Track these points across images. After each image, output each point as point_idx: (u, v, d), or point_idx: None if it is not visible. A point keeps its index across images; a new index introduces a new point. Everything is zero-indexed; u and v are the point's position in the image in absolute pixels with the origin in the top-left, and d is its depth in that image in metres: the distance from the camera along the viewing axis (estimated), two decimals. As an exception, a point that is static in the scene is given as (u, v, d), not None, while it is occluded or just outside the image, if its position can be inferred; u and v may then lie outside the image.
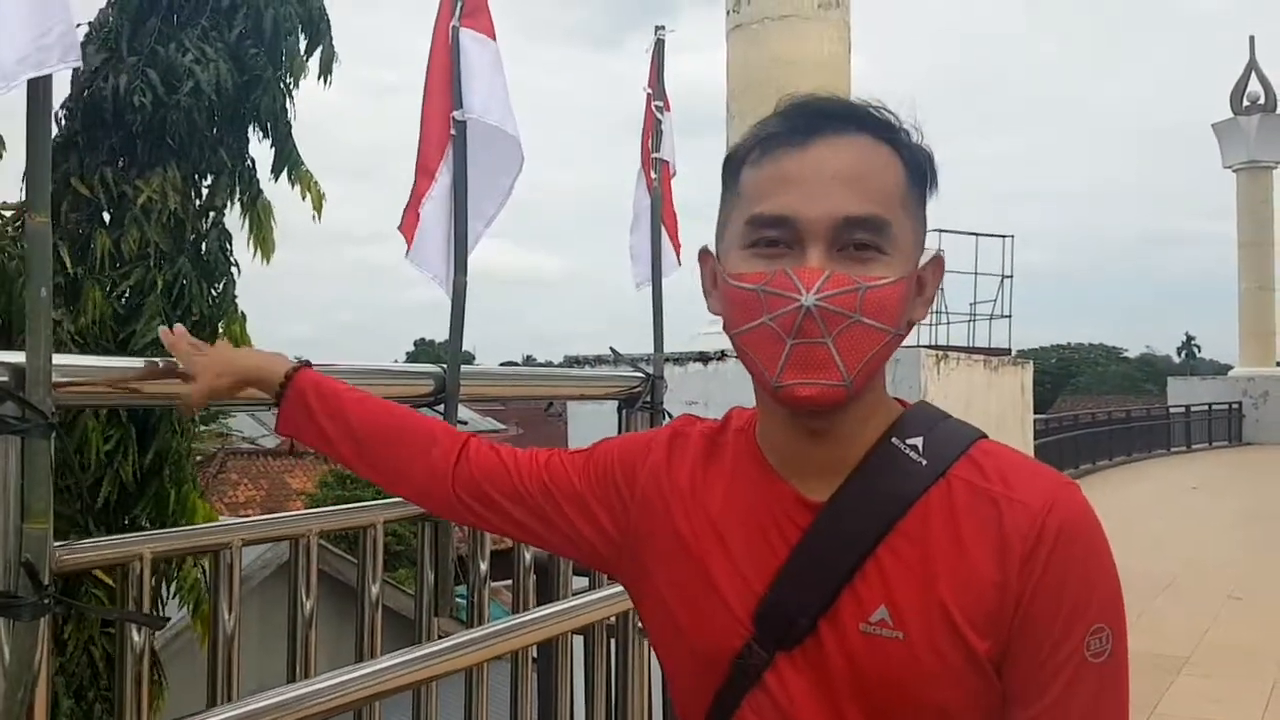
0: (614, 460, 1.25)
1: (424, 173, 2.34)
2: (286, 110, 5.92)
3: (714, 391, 6.99)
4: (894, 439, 1.09)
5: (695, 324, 8.18)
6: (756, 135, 1.10)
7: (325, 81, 6.00)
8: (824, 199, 1.03)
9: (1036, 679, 1.03)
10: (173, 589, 5.53)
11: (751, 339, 1.05)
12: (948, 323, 11.13)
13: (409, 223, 2.32)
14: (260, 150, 6.03)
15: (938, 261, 1.14)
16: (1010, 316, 11.12)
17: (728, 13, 7.85)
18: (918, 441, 1.09)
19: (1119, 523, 12.57)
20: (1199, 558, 10.18)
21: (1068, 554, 1.03)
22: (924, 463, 1.07)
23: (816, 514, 1.08)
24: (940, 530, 1.04)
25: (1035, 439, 9.34)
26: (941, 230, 11.02)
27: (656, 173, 3.08)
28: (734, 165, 1.11)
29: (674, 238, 3.35)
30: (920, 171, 1.10)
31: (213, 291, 5.80)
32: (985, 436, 1.12)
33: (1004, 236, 11.14)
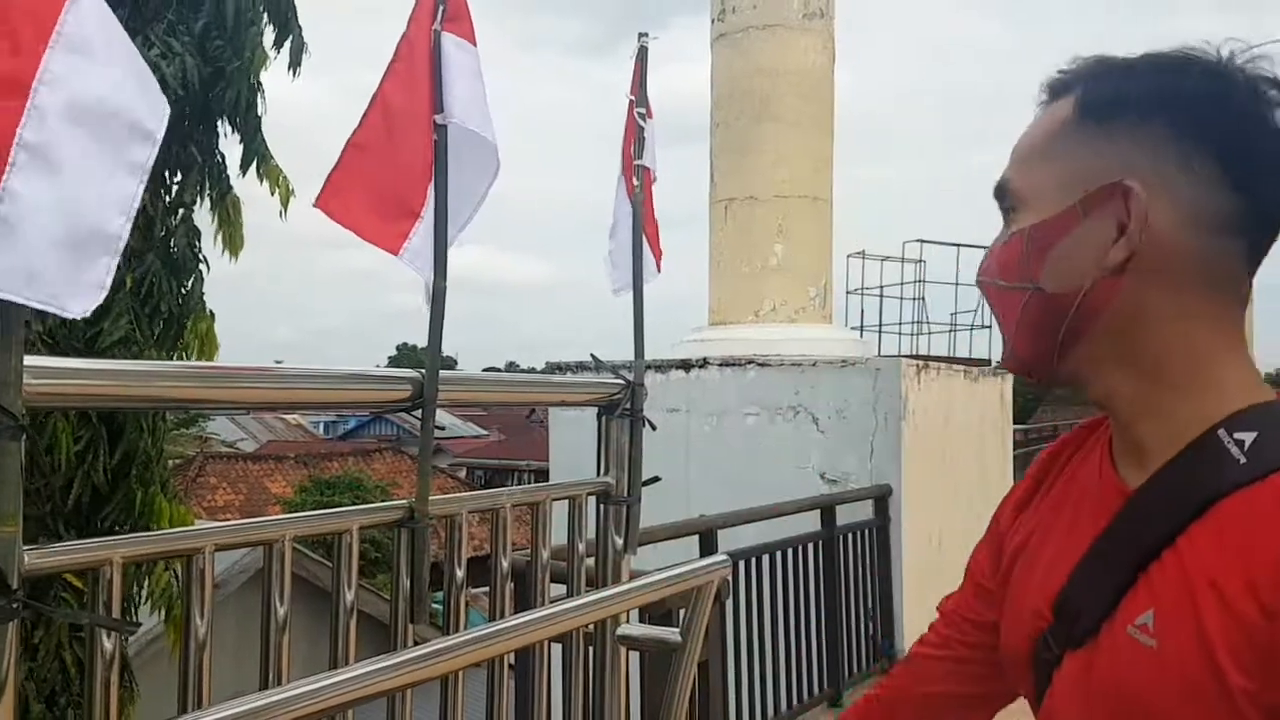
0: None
1: (423, 172, 2.33)
2: (256, 104, 5.87)
3: (695, 398, 6.99)
4: (1221, 430, 0.92)
5: (678, 331, 8.19)
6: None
7: (294, 73, 5.95)
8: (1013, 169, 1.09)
9: None
10: (144, 594, 5.48)
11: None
12: (929, 333, 11.16)
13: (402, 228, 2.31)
14: (232, 145, 5.97)
15: (1106, 195, 0.96)
16: (990, 327, 11.15)
17: (713, 22, 7.87)
18: (1247, 436, 0.91)
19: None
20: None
21: None
22: (1242, 460, 0.90)
23: (1125, 502, 0.98)
24: (1234, 534, 0.88)
25: (1015, 449, 9.38)
26: (923, 241, 11.08)
27: (639, 179, 3.07)
28: None
29: (655, 245, 3.35)
30: (1092, 108, 0.98)
31: (182, 289, 5.75)
32: None
33: (986, 247, 11.16)
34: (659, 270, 3.35)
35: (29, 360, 1.55)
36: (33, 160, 1.43)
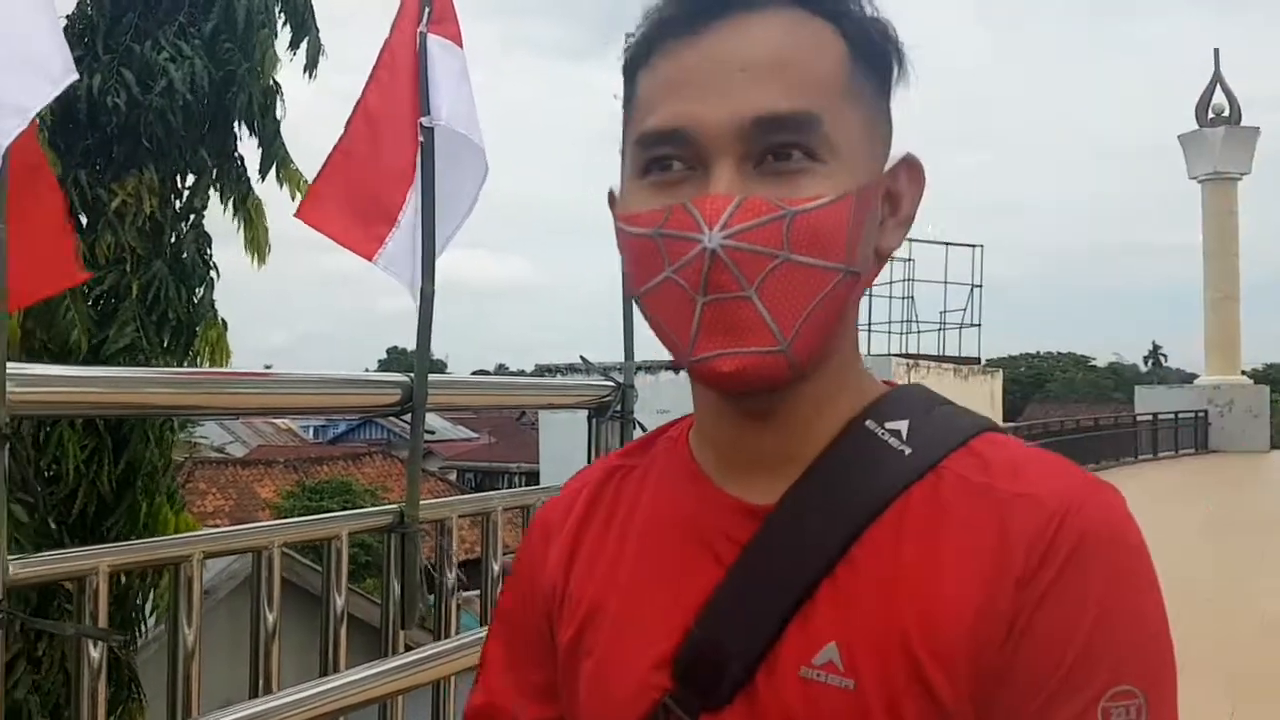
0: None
1: (402, 177, 2.32)
2: (275, 107, 5.81)
3: (686, 401, 6.99)
4: (869, 422, 0.82)
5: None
6: (642, 26, 0.81)
7: (310, 75, 5.89)
8: (726, 97, 0.75)
9: (1017, 712, 0.73)
10: (149, 604, 5.42)
11: (656, 301, 0.77)
12: (918, 331, 11.19)
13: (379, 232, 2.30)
14: (251, 149, 5.90)
15: (912, 166, 0.85)
16: (980, 325, 11.20)
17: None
18: (901, 426, 0.81)
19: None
20: (1170, 565, 10.23)
21: (1088, 574, 0.73)
22: (907, 451, 0.80)
23: (763, 522, 0.80)
24: (915, 542, 0.76)
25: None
26: (912, 240, 11.10)
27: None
28: (630, 72, 0.82)
29: None
30: (874, 50, 0.81)
31: (192, 297, 5.71)
32: (996, 427, 0.84)
33: (973, 246, 11.24)
34: None
35: (12, 368, 1.54)
36: None
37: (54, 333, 5.04)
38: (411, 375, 2.33)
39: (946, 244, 11.12)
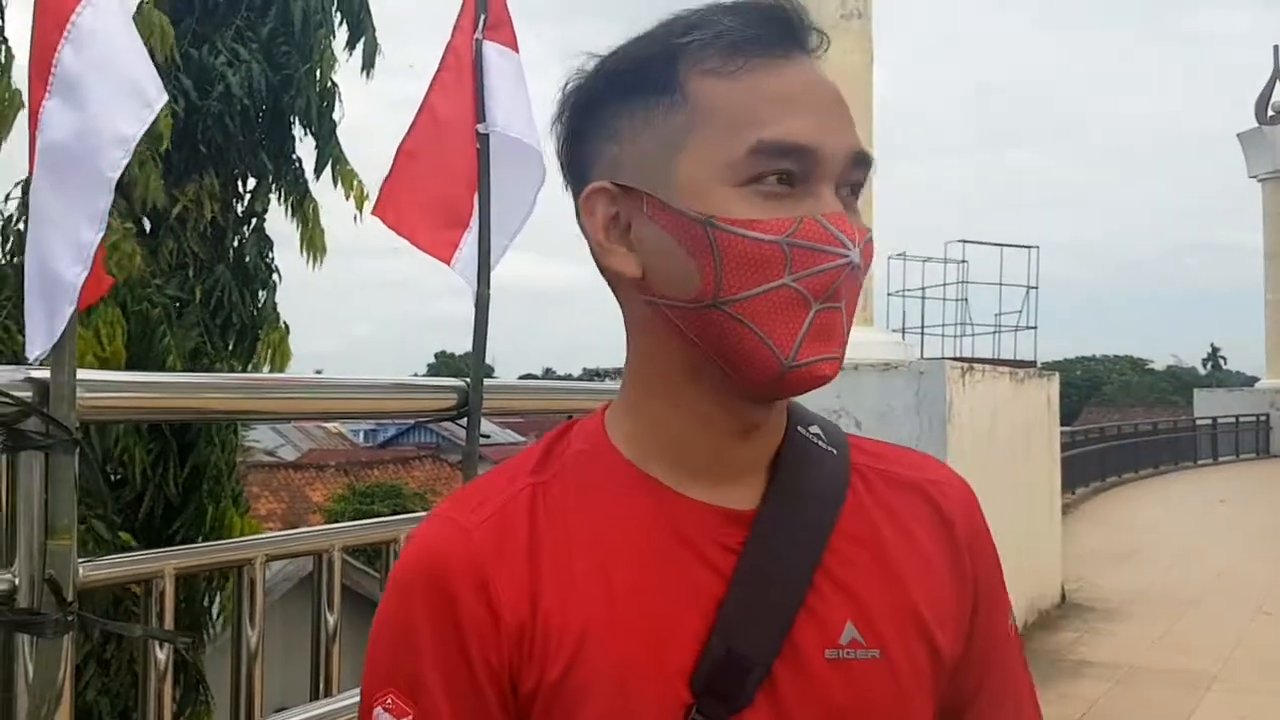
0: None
1: (470, 181, 2.34)
2: (333, 107, 5.83)
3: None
4: (798, 427, 0.90)
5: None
6: (706, 33, 0.82)
7: (367, 75, 5.92)
8: (841, 126, 0.82)
9: (983, 673, 0.93)
10: (215, 606, 5.48)
11: (759, 306, 0.79)
12: (972, 334, 11.06)
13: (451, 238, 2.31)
14: (307, 149, 5.92)
15: None
16: (1035, 328, 11.05)
17: (749, 25, 7.85)
18: (816, 431, 0.91)
19: (1149, 537, 12.46)
20: (1228, 572, 10.06)
21: (984, 529, 0.96)
22: (834, 452, 0.90)
23: (751, 526, 0.84)
24: (884, 524, 0.89)
25: (1062, 452, 9.25)
26: (965, 241, 10.98)
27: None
28: (663, 64, 0.82)
29: None
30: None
31: (254, 300, 5.77)
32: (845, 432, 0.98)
33: (1028, 247, 11.08)
34: None
35: (82, 374, 1.57)
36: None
37: (150, 356, 5.08)
38: (467, 380, 2.35)
39: (1001, 245, 10.98)
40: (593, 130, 0.86)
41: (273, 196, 5.88)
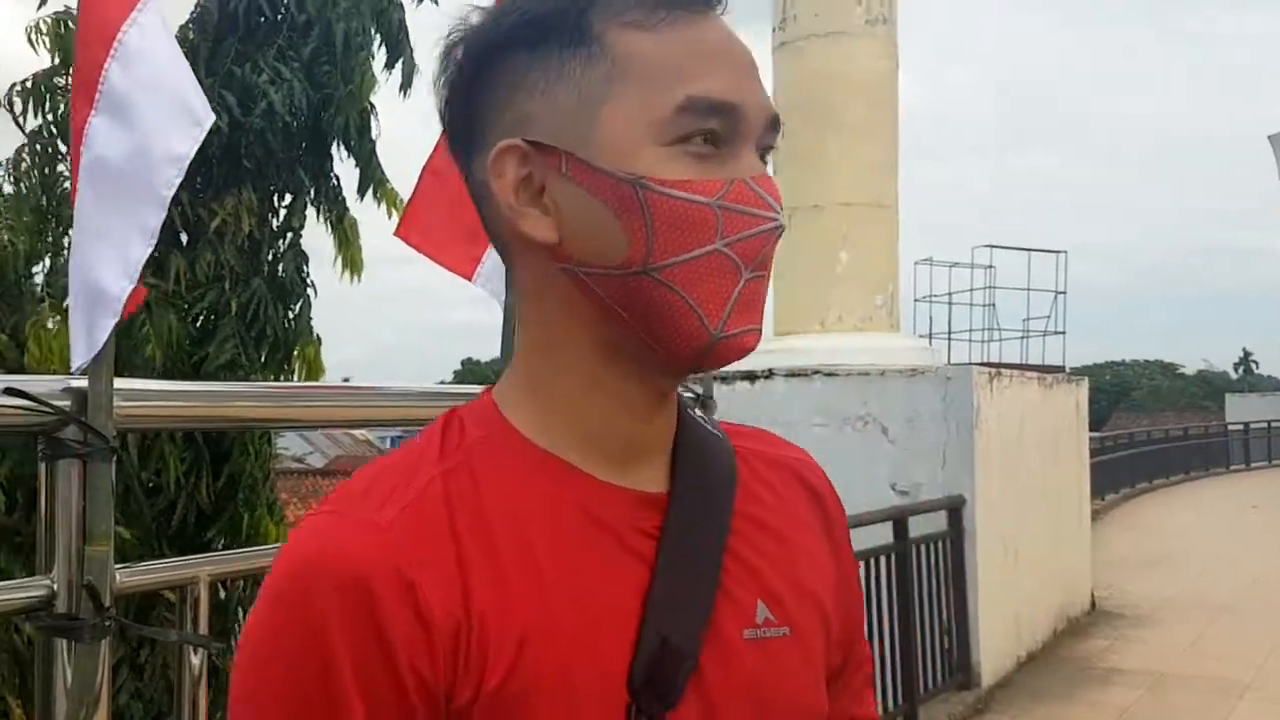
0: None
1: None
2: (370, 127, 5.91)
3: (762, 410, 6.96)
4: (686, 409, 0.87)
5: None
6: None
7: (405, 94, 5.99)
8: (758, 88, 0.78)
9: (850, 644, 0.94)
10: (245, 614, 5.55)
11: (690, 272, 0.74)
12: (1000, 339, 11.01)
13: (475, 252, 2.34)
14: (347, 168, 6.01)
15: None
16: (1064, 333, 10.99)
17: (774, 30, 7.85)
18: (699, 416, 0.89)
19: (1180, 544, 12.33)
20: (1261, 579, 9.94)
21: (843, 510, 0.96)
22: (720, 435, 0.89)
23: (665, 510, 0.80)
24: (770, 503, 0.88)
25: (1091, 458, 9.18)
26: (992, 246, 10.92)
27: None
28: (578, 14, 0.76)
29: None
30: None
31: (289, 314, 5.84)
32: None
33: (1057, 252, 11.02)
34: None
35: (119, 383, 1.60)
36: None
37: (128, 345, 5.17)
38: (494, 387, 2.36)
39: (1029, 250, 10.93)
40: (494, 83, 0.78)
41: (310, 212, 5.96)
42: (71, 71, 1.46)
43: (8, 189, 5.83)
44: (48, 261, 5.81)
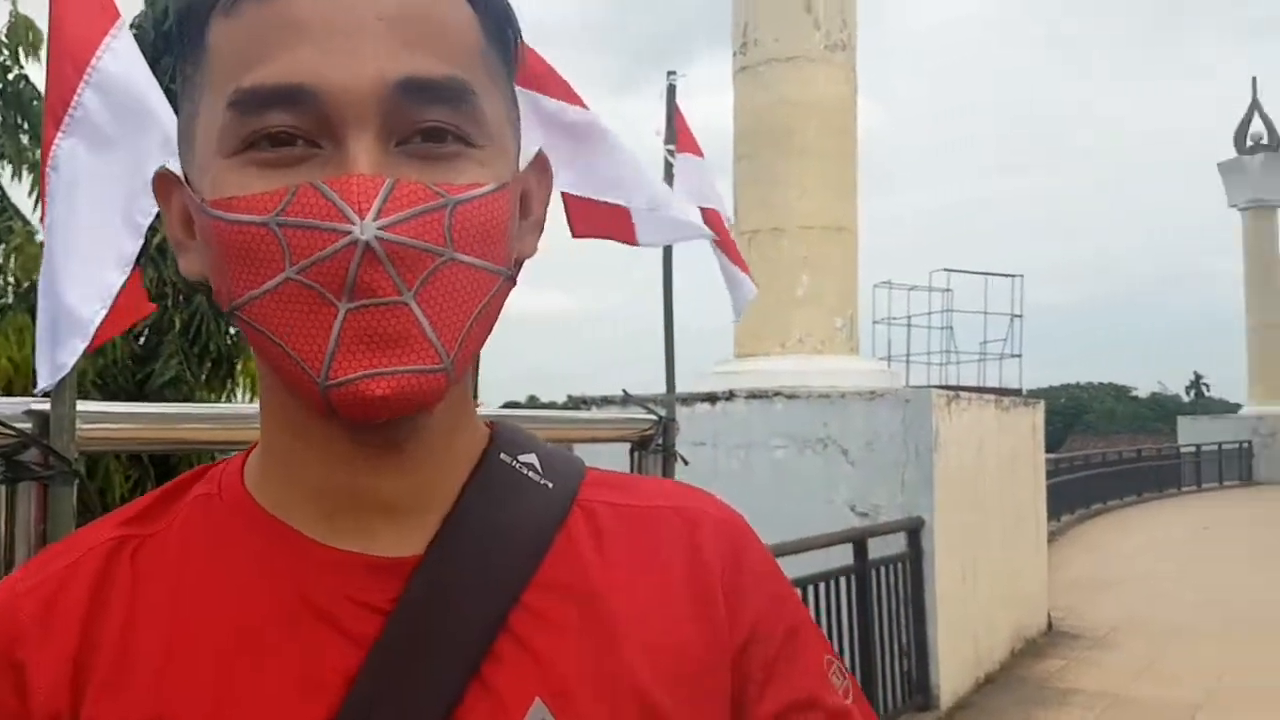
0: None
1: None
2: None
3: (722, 431, 6.99)
4: (502, 455, 0.72)
5: (703, 363, 8.20)
6: None
7: None
8: (362, 52, 0.60)
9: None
10: None
11: (268, 310, 0.60)
12: (958, 362, 11.14)
13: None
14: None
15: (543, 166, 0.74)
16: (1020, 356, 11.14)
17: (734, 55, 7.93)
18: (531, 459, 0.73)
19: (1134, 565, 12.51)
20: (1213, 600, 10.10)
21: (760, 568, 0.76)
22: (550, 485, 0.73)
23: (409, 578, 0.66)
24: (604, 569, 0.70)
25: (1047, 479, 9.30)
26: (949, 270, 11.06)
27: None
28: (195, 21, 0.64)
29: (744, 267, 3.40)
30: (500, 25, 0.68)
31: (230, 330, 5.84)
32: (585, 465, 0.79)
33: (1013, 276, 11.19)
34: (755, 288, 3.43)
35: (82, 406, 1.58)
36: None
37: (99, 367, 5.14)
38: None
39: (986, 274, 11.08)
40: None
41: None
42: (44, 94, 1.43)
43: None
44: None
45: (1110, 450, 22.25)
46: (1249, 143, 25.73)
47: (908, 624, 6.15)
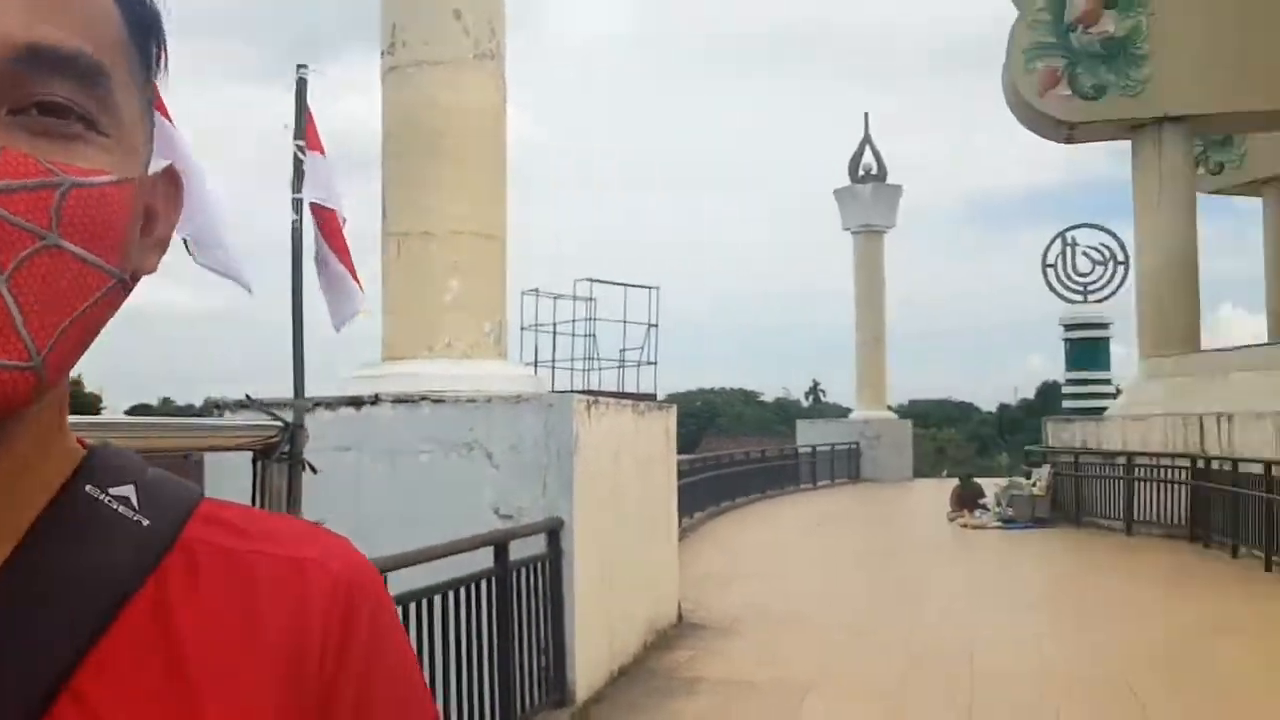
0: None
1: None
2: None
3: (367, 436, 6.81)
4: (90, 487, 0.63)
5: (350, 366, 7.96)
6: None
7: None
8: None
9: None
10: None
11: None
12: (599, 368, 11.53)
13: None
14: None
15: (174, 182, 0.67)
16: (656, 363, 11.70)
17: (383, 54, 7.77)
18: (127, 492, 0.64)
19: (757, 557, 13.51)
20: (825, 590, 11.11)
21: (373, 622, 0.67)
22: (145, 522, 0.63)
23: None
24: (197, 621, 0.62)
25: (680, 479, 9.83)
26: (592, 280, 11.43)
27: (298, 213, 2.97)
28: None
29: (355, 277, 3.27)
30: (143, 27, 0.63)
31: None
32: (204, 495, 0.69)
33: (650, 288, 11.74)
34: (364, 297, 3.30)
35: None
36: None
37: None
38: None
39: (625, 285, 11.54)
40: None
41: None
42: None
43: None
44: None
45: (739, 450, 23.86)
46: (861, 173, 28.57)
47: (547, 622, 6.27)
